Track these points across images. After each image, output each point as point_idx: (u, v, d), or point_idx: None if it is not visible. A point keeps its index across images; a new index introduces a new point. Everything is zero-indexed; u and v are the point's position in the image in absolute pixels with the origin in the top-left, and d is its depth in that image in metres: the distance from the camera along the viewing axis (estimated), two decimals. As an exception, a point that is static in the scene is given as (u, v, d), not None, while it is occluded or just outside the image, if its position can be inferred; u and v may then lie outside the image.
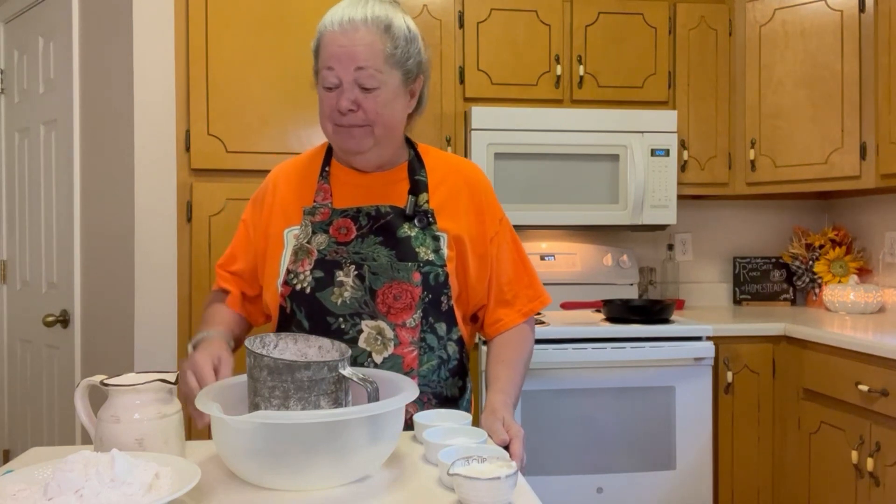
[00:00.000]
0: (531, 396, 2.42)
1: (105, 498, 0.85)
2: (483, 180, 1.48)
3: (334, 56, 1.29)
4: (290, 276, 1.35)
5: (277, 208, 1.42)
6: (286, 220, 1.40)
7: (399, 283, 1.32)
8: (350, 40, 1.28)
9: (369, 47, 1.28)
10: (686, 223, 3.30)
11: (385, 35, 1.30)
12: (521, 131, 2.74)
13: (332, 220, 1.37)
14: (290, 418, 0.94)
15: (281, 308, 1.36)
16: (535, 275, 1.51)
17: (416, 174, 1.42)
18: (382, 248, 1.34)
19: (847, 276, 3.02)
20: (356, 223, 1.36)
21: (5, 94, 3.23)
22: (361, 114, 1.31)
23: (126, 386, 1.04)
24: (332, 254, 1.34)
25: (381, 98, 1.31)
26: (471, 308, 1.47)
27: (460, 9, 2.81)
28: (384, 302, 1.31)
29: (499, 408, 1.29)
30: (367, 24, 1.29)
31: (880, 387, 2.11)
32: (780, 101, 2.86)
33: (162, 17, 2.49)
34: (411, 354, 1.32)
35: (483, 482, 0.90)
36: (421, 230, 1.36)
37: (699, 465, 2.51)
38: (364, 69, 1.28)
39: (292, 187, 1.43)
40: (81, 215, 2.78)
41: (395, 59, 1.32)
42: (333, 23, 1.30)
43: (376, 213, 1.36)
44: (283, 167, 1.49)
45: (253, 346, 1.05)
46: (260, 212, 1.45)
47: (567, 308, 3.02)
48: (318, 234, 1.36)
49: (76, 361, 2.76)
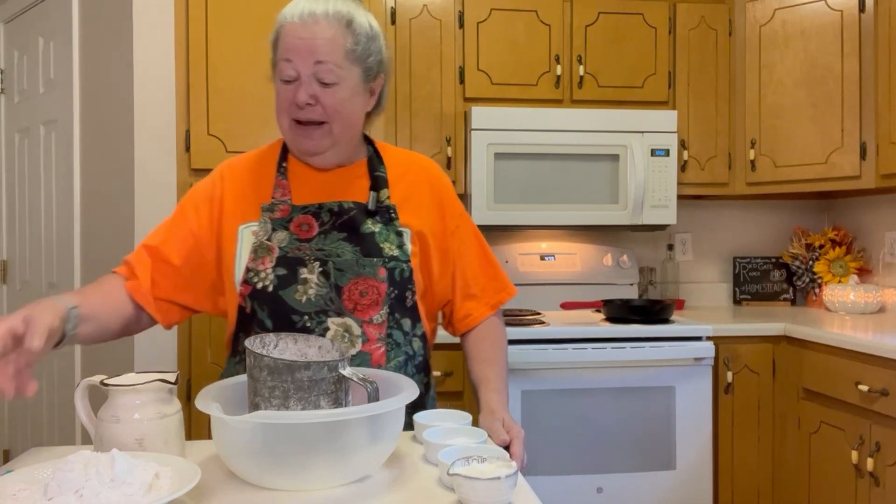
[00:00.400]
0: (531, 396, 2.42)
1: (105, 498, 0.85)
2: (442, 176, 1.48)
3: (293, 48, 1.27)
4: (249, 275, 1.31)
5: (229, 204, 1.37)
6: (240, 216, 1.36)
7: (365, 280, 1.30)
8: (310, 33, 1.26)
9: (330, 41, 1.27)
10: (686, 223, 3.30)
11: (346, 30, 1.29)
12: (521, 131, 2.74)
13: (293, 216, 1.34)
14: (290, 418, 0.94)
15: (240, 308, 1.33)
16: (499, 267, 1.50)
17: (375, 170, 1.40)
18: (347, 245, 1.32)
19: (847, 276, 3.02)
20: (318, 219, 1.34)
21: (5, 94, 3.23)
22: (319, 109, 1.28)
23: (126, 386, 1.04)
24: (294, 251, 1.31)
25: (339, 94, 1.29)
26: (436, 304, 1.46)
27: (460, 9, 2.81)
28: (350, 298, 1.30)
29: (497, 408, 1.28)
30: (329, 17, 1.27)
31: (880, 387, 2.11)
32: (780, 101, 2.86)
33: (162, 18, 2.49)
34: (379, 351, 1.31)
35: (483, 482, 0.90)
36: (384, 225, 1.35)
37: (699, 465, 2.51)
38: (324, 63, 1.26)
39: (245, 182, 1.39)
40: (81, 215, 2.78)
41: (356, 56, 1.30)
42: (293, 15, 1.28)
43: (339, 209, 1.34)
44: (232, 163, 1.45)
45: (253, 346, 1.05)
46: (208, 206, 1.38)
47: (567, 308, 3.02)
48: (278, 230, 1.32)
49: (76, 361, 2.76)
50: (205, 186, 1.41)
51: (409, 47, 2.77)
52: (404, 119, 2.77)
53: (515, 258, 3.08)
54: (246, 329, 1.33)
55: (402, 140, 2.76)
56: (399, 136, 2.76)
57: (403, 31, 2.76)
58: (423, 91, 2.78)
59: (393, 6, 2.75)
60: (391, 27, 2.75)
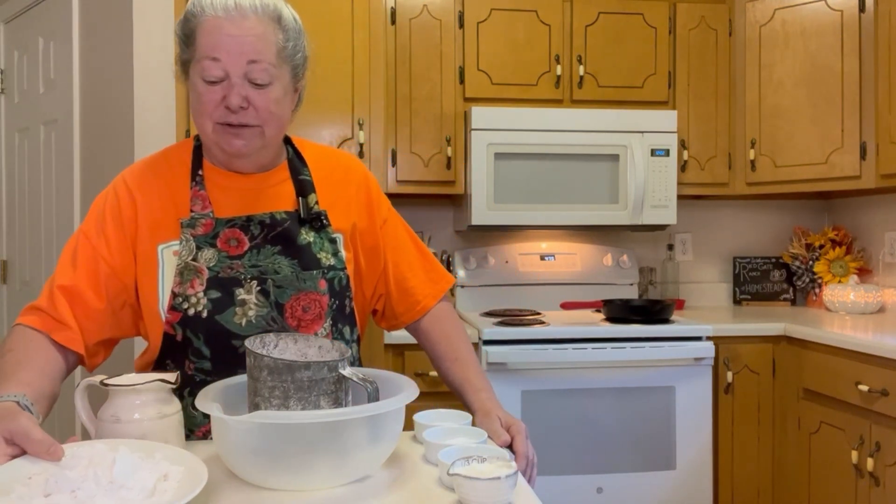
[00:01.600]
0: (531, 396, 2.42)
1: (99, 502, 0.83)
2: (367, 173, 1.41)
3: (221, 46, 1.13)
4: (177, 301, 1.19)
5: (143, 221, 1.23)
6: (157, 235, 1.22)
7: (307, 294, 1.23)
8: (240, 29, 1.14)
9: (261, 38, 1.15)
10: (686, 223, 3.30)
11: (277, 26, 1.18)
12: (521, 131, 2.74)
13: (218, 231, 1.22)
14: (290, 418, 0.94)
15: (167, 336, 1.21)
16: (433, 258, 1.46)
17: (299, 174, 1.31)
18: (283, 259, 1.23)
19: (847, 276, 3.02)
20: (247, 233, 1.23)
21: (5, 94, 3.23)
22: (252, 112, 1.17)
23: (126, 386, 1.04)
24: (225, 270, 1.20)
25: (272, 95, 1.18)
26: (367, 303, 1.40)
27: (460, 9, 2.81)
28: (293, 315, 1.22)
29: (491, 407, 1.24)
30: (257, 12, 1.16)
31: (880, 387, 2.11)
32: (780, 101, 2.86)
33: (162, 17, 2.49)
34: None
35: (483, 482, 0.90)
36: (317, 234, 1.27)
37: (699, 465, 2.51)
38: (257, 62, 1.15)
39: (156, 195, 1.24)
40: (81, 215, 2.78)
41: (286, 54, 1.20)
42: (215, 6, 1.15)
43: (271, 221, 1.24)
44: (137, 172, 1.28)
45: (253, 346, 1.05)
46: (117, 227, 1.22)
47: (567, 308, 3.02)
48: (203, 248, 1.20)
49: (76, 361, 2.75)
50: (108, 204, 1.25)
51: (409, 47, 2.77)
52: (404, 119, 2.77)
53: (515, 258, 3.08)
54: (175, 357, 1.22)
55: (402, 140, 2.76)
56: (399, 136, 2.76)
57: (403, 31, 2.76)
58: (423, 91, 2.78)
59: (393, 6, 2.75)
60: (391, 27, 2.75)
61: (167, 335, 1.21)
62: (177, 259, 1.21)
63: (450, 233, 3.14)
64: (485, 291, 3.03)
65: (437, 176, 2.78)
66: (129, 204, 1.24)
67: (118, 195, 1.25)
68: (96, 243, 1.22)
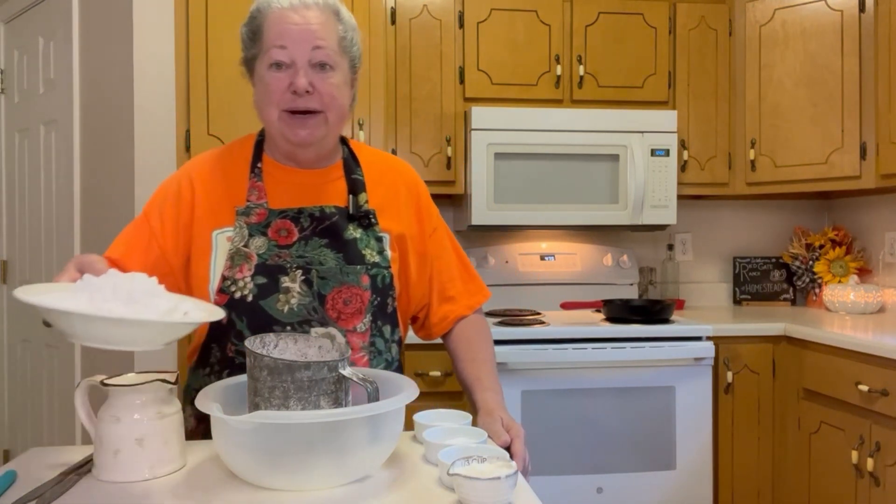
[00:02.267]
0: (531, 396, 2.42)
1: (111, 306, 0.92)
2: (419, 179, 1.45)
3: (287, 33, 1.22)
4: (226, 284, 1.25)
5: (201, 207, 1.30)
6: (213, 221, 1.29)
7: (349, 288, 1.27)
8: (304, 18, 1.23)
9: (324, 26, 1.24)
10: (686, 223, 3.30)
11: (336, 18, 1.27)
12: (521, 131, 2.74)
13: (270, 221, 1.28)
14: (290, 418, 0.94)
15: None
16: (474, 270, 1.50)
17: (352, 173, 1.36)
18: (329, 251, 1.28)
19: (847, 276, 3.02)
20: (297, 224, 1.29)
21: (5, 94, 3.23)
22: (317, 97, 1.24)
23: (126, 386, 1.04)
24: (273, 258, 1.26)
25: (335, 80, 1.26)
26: (412, 308, 1.44)
27: (460, 9, 2.81)
28: (334, 307, 1.26)
29: (494, 407, 1.27)
30: (319, 5, 1.26)
31: (880, 387, 2.11)
32: (780, 101, 2.86)
33: (162, 17, 2.49)
34: (362, 360, 1.29)
35: (483, 482, 0.90)
36: (364, 231, 1.31)
37: (699, 465, 2.51)
38: (321, 48, 1.23)
39: (217, 185, 1.32)
40: (81, 215, 2.78)
41: (345, 44, 1.28)
42: (280, 1, 1.25)
43: (321, 214, 1.30)
44: (201, 162, 1.37)
45: (253, 346, 1.05)
46: (174, 210, 1.31)
47: (567, 308, 3.02)
48: (255, 236, 1.27)
49: (76, 361, 2.76)
50: (170, 189, 1.34)
51: (409, 47, 2.77)
52: (404, 119, 2.77)
53: (515, 258, 3.08)
54: (220, 340, 1.27)
55: (402, 140, 2.76)
56: (399, 136, 2.76)
57: (403, 31, 2.76)
58: (423, 91, 2.78)
59: (393, 6, 2.75)
60: (391, 27, 2.75)
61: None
62: (229, 245, 1.27)
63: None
64: (485, 291, 3.03)
65: (437, 176, 2.78)
66: (188, 190, 1.31)
67: (180, 182, 1.33)
68: (153, 223, 1.30)
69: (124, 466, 1.03)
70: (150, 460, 1.04)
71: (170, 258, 1.29)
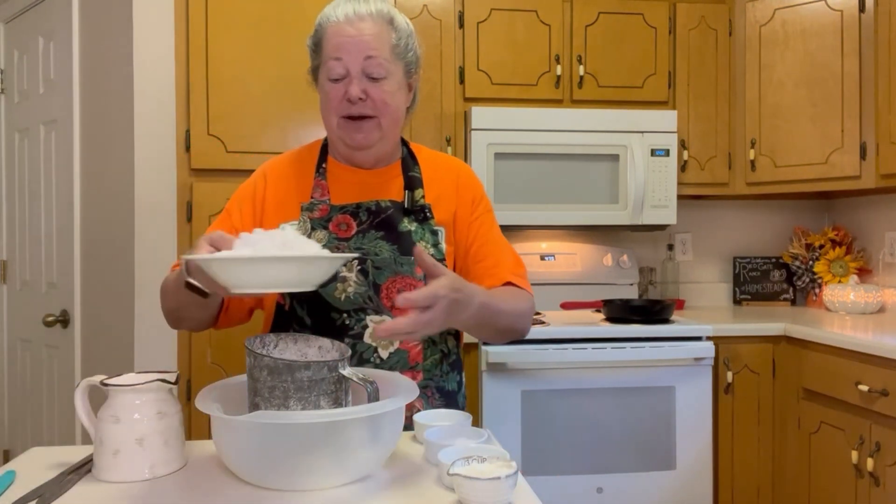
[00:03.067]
0: (531, 396, 2.42)
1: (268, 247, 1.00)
2: (475, 177, 1.50)
3: (342, 46, 1.30)
4: None
5: (271, 203, 1.40)
6: (281, 215, 1.39)
7: (403, 278, 1.33)
8: (358, 30, 1.31)
9: (377, 37, 1.31)
10: (686, 223, 3.30)
11: (389, 27, 1.34)
12: (521, 131, 2.74)
13: (332, 216, 1.36)
14: (290, 418, 0.94)
15: (279, 305, 1.36)
16: (522, 264, 1.46)
17: (410, 171, 1.43)
18: (384, 243, 1.34)
19: (847, 276, 3.02)
20: (356, 219, 1.37)
21: (5, 94, 3.23)
22: (370, 103, 1.32)
23: (126, 386, 1.04)
24: (333, 249, 1.33)
25: (387, 88, 1.33)
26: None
27: (460, 9, 2.81)
28: (388, 297, 1.32)
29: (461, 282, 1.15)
30: (373, 16, 1.32)
31: (880, 387, 2.11)
32: (780, 101, 2.86)
33: (162, 17, 2.49)
34: (416, 349, 1.34)
35: (483, 482, 0.90)
36: (419, 224, 1.38)
37: (699, 465, 2.51)
38: (373, 58, 1.31)
39: (286, 183, 1.42)
40: (81, 215, 2.78)
41: (399, 51, 1.35)
42: (338, 15, 1.32)
43: (376, 208, 1.37)
44: (275, 163, 1.48)
45: (253, 346, 1.05)
46: (251, 205, 1.42)
47: (567, 308, 3.02)
48: (317, 230, 1.35)
49: (76, 361, 2.76)
50: (248, 186, 1.45)
51: (409, 47, 2.76)
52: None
53: (515, 258, 3.08)
54: (283, 326, 1.35)
55: (402, 140, 2.76)
56: (399, 136, 2.76)
57: (403, 31, 2.76)
58: (423, 91, 2.78)
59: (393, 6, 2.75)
60: (391, 27, 2.75)
61: (278, 305, 1.36)
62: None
63: (450, 233, 3.14)
64: (485, 291, 3.03)
65: (437, 176, 2.78)
66: (262, 186, 1.42)
67: (256, 180, 1.44)
68: (234, 218, 1.40)
69: (124, 466, 1.03)
70: (150, 460, 1.04)
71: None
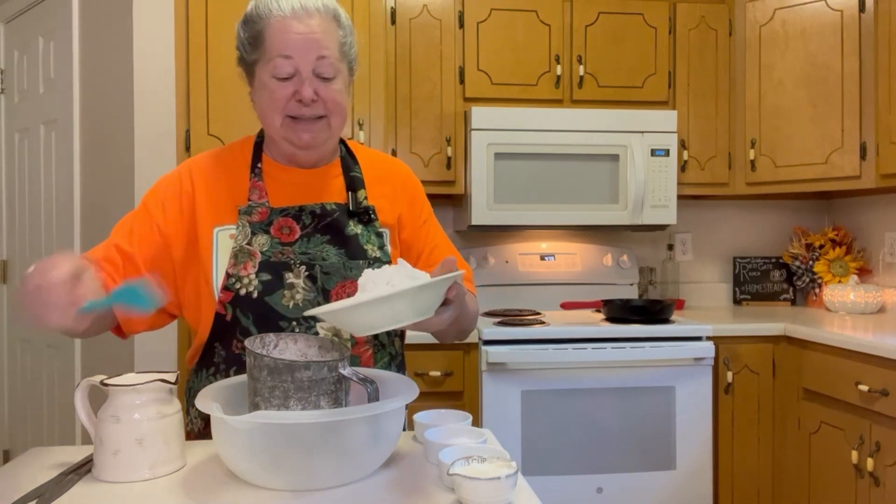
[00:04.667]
0: (531, 396, 2.42)
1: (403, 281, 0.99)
2: (415, 178, 1.47)
3: (291, 44, 1.22)
4: (231, 281, 1.24)
5: (202, 205, 1.30)
6: (215, 217, 1.30)
7: (352, 283, 1.27)
8: (308, 27, 1.23)
9: (326, 35, 1.24)
10: (686, 223, 3.30)
11: (336, 24, 1.27)
12: (521, 131, 2.74)
13: (272, 219, 1.29)
14: (290, 418, 0.94)
15: (218, 315, 1.26)
16: (468, 266, 1.46)
17: (350, 170, 1.38)
18: (331, 248, 1.29)
19: (847, 276, 3.02)
20: (299, 222, 1.30)
21: (5, 94, 3.23)
22: (321, 104, 1.26)
23: (126, 386, 1.04)
24: (277, 255, 1.26)
25: (337, 87, 1.27)
26: None
27: (460, 9, 2.81)
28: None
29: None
30: (321, 11, 1.25)
31: (880, 387, 2.11)
32: (780, 101, 2.86)
33: (162, 17, 2.50)
34: (367, 353, 1.30)
35: (483, 482, 0.90)
36: (364, 227, 1.33)
37: (699, 465, 2.51)
38: (325, 58, 1.24)
39: (216, 184, 1.33)
40: (81, 215, 2.78)
41: (345, 49, 1.29)
42: (282, 8, 1.23)
43: (321, 211, 1.31)
44: (199, 161, 1.37)
45: (253, 346, 1.05)
46: (177, 205, 1.31)
47: (567, 308, 3.02)
48: (258, 234, 1.27)
49: (76, 361, 2.76)
50: (170, 185, 1.33)
51: (409, 47, 2.77)
52: (404, 119, 2.77)
53: (515, 258, 3.08)
54: (224, 339, 1.27)
55: (402, 140, 2.76)
56: (399, 135, 2.76)
57: (403, 31, 2.76)
58: (423, 91, 2.78)
59: (393, 6, 2.75)
60: (391, 27, 2.75)
61: (218, 316, 1.26)
62: (232, 242, 1.28)
63: (450, 233, 3.14)
64: (485, 291, 3.03)
65: (437, 176, 2.78)
66: (188, 184, 1.32)
67: (180, 176, 1.34)
68: (155, 214, 1.30)
69: (124, 466, 1.03)
70: (150, 460, 1.04)
71: (171, 248, 1.29)
